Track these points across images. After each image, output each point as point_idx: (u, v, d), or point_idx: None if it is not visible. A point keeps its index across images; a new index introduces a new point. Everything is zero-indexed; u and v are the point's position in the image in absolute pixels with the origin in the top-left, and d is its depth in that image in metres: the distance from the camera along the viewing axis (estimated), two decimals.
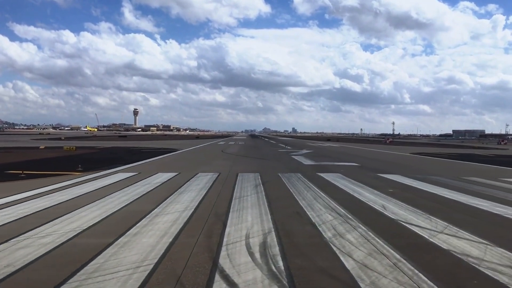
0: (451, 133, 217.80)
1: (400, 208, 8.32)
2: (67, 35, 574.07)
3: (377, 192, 10.57)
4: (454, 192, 10.81)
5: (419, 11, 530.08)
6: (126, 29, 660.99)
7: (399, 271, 4.49)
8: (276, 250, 5.20)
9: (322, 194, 10.00)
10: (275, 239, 5.69)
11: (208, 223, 6.68)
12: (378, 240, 5.77)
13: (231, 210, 7.85)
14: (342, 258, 4.91)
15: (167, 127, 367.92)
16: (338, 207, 8.32)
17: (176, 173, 14.23)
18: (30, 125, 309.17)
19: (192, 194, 9.66)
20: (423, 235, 6.18)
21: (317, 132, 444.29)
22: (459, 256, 5.13)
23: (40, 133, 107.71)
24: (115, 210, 7.72)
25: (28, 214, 7.23)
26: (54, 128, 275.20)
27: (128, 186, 11.03)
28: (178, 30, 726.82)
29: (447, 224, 6.86)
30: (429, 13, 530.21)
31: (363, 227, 6.52)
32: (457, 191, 10.91)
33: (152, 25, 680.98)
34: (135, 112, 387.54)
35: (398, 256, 5.03)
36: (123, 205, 8.26)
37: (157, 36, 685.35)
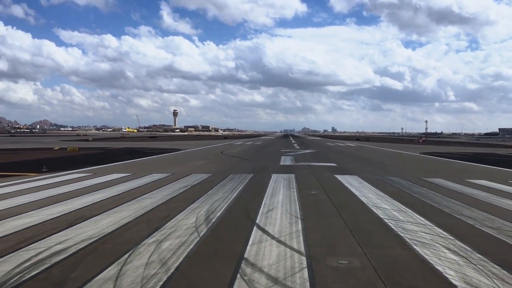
0: (497, 131, 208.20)
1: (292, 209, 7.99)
2: (109, 40, 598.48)
3: (296, 193, 10.24)
4: (379, 193, 10.35)
5: (461, 5, 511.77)
6: (165, 32, 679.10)
7: None
8: None
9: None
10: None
11: None
12: None
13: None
14: None
15: (206, 128, 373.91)
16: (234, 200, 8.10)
17: (130, 174, 14.40)
18: (76, 127, 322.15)
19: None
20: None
21: (357, 132, 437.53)
22: None
23: (77, 135, 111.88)
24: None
25: None
26: (97, 129, 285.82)
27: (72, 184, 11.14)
28: (215, 32, 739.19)
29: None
30: (472, 7, 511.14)
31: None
32: (385, 193, 10.42)
33: (190, 27, 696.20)
34: (175, 113, 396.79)
35: None
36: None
37: (195, 38, 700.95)
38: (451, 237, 6.09)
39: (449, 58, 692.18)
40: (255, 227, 6.58)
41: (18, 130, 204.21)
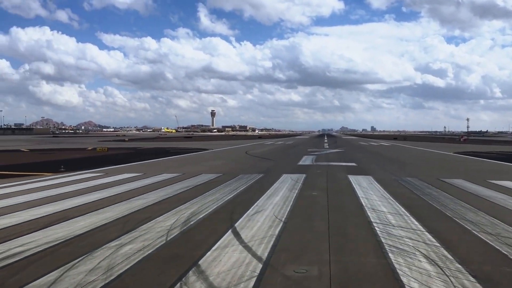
0: None
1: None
2: (149, 42, 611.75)
3: (295, 194, 9.88)
4: (385, 195, 9.83)
5: None
6: (203, 33, 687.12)
7: None
8: None
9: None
10: None
11: None
12: None
13: None
14: None
15: (243, 128, 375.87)
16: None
17: (140, 174, 14.53)
18: (118, 128, 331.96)
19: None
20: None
21: (397, 131, 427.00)
22: None
23: (117, 135, 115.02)
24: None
25: None
26: (138, 130, 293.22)
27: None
28: (252, 32, 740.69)
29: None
30: None
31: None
32: (392, 194, 9.87)
33: (227, 27, 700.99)
34: (212, 114, 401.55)
35: None
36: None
37: (232, 39, 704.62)
38: (437, 244, 5.58)
39: (495, 53, 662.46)
40: (230, 231, 6.29)
41: (63, 131, 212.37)
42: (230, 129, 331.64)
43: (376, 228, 6.46)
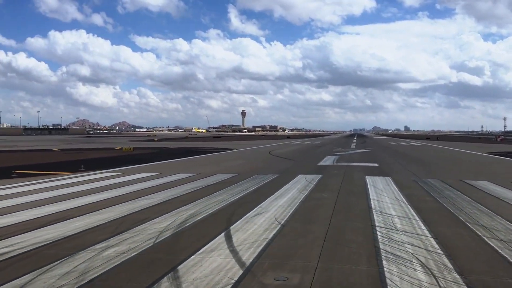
0: None
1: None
2: (181, 44, 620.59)
3: (304, 196, 9.59)
4: (398, 197, 9.41)
5: None
6: (233, 34, 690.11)
7: None
8: None
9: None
10: None
11: None
12: None
13: None
14: None
15: (273, 128, 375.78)
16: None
17: (156, 173, 14.49)
18: (151, 128, 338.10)
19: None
20: None
21: (431, 130, 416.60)
22: None
23: (148, 135, 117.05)
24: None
25: None
26: (169, 130, 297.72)
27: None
28: (282, 32, 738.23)
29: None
30: None
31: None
32: (406, 197, 9.47)
33: (257, 28, 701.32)
34: (243, 114, 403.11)
35: None
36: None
37: (262, 39, 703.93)
38: (440, 251, 5.18)
39: None
40: (222, 234, 6.06)
41: (97, 131, 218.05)
42: (260, 129, 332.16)
43: (378, 233, 6.10)
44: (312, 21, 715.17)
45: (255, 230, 6.30)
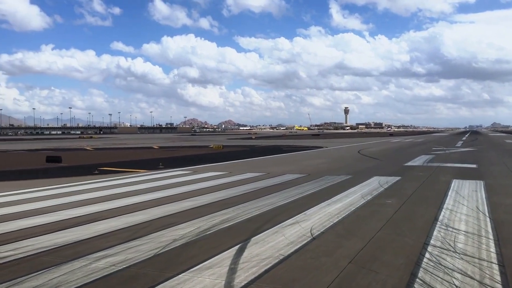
0: None
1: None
2: (282, 42, 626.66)
3: (363, 202, 8.51)
4: (482, 206, 7.89)
5: None
6: (335, 30, 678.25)
7: None
8: None
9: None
10: None
11: None
12: None
13: None
14: None
15: (378, 125, 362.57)
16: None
17: (226, 172, 14.33)
18: (254, 126, 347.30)
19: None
20: None
21: None
22: None
23: (248, 133, 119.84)
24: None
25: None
26: (271, 128, 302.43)
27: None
28: (386, 25, 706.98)
29: None
30: None
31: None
32: (493, 206, 7.94)
33: (360, 22, 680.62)
34: (346, 111, 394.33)
35: None
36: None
37: (366, 33, 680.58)
38: (498, 286, 3.85)
39: None
40: (236, 247, 5.32)
41: (204, 129, 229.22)
42: (364, 126, 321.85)
43: (427, 254, 4.86)
44: (420, 12, 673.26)
45: (277, 243, 5.42)
